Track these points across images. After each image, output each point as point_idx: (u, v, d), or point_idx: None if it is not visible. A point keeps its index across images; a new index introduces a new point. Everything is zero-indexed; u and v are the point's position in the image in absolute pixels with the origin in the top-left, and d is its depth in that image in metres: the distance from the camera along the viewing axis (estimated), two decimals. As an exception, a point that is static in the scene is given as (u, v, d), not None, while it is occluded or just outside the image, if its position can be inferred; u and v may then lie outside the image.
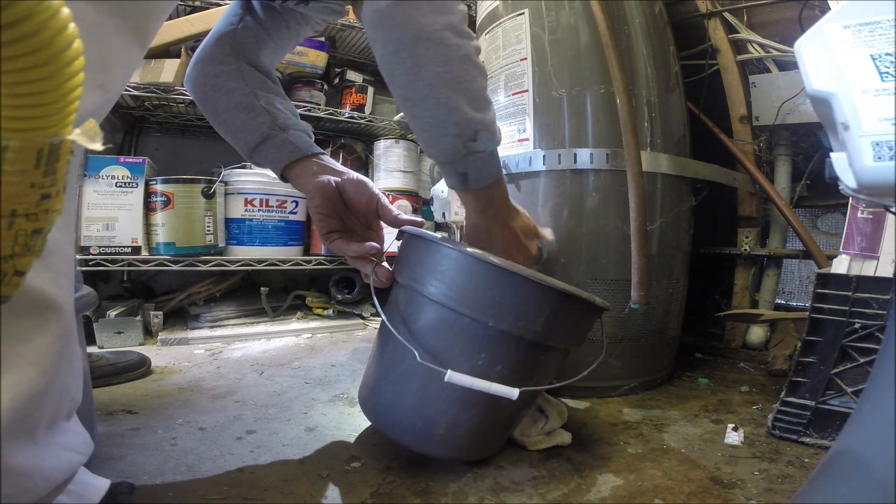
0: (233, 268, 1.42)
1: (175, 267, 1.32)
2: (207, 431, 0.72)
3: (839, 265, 0.74)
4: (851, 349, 0.69)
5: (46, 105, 0.21)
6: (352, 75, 1.70)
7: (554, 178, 0.91)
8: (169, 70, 1.32)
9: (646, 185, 0.85)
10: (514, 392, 0.52)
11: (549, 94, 0.92)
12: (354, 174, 0.66)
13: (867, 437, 0.39)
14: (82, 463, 0.43)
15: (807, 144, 1.24)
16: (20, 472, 0.34)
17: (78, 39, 0.21)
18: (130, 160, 1.26)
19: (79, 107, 0.23)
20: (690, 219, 1.01)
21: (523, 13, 0.95)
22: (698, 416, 0.83)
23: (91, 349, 1.12)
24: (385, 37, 0.53)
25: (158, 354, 1.13)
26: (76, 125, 0.23)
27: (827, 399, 0.71)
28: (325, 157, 0.68)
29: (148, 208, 1.30)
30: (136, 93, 1.30)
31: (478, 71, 0.56)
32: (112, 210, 1.24)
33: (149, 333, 1.28)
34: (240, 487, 0.57)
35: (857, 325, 0.69)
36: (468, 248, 0.55)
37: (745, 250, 1.27)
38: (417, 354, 0.53)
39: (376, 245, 0.64)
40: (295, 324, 1.45)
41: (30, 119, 0.21)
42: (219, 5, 1.41)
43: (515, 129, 0.95)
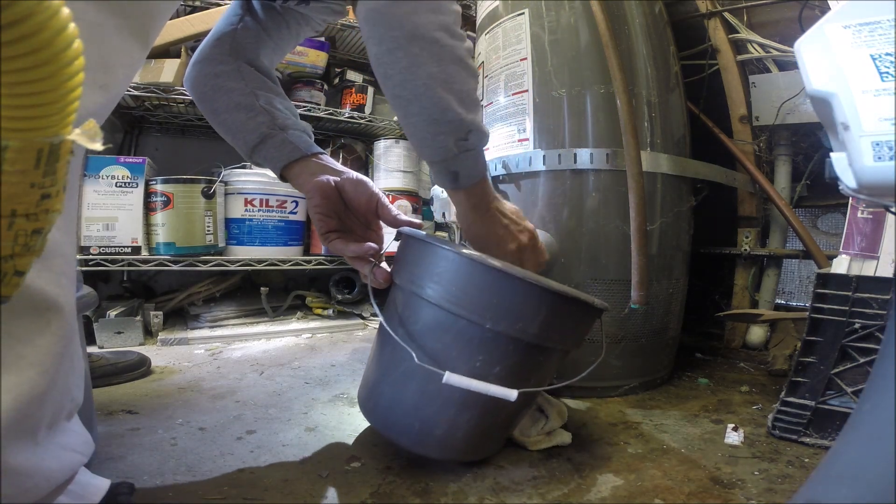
0: (233, 268, 1.42)
1: (175, 267, 1.32)
2: (207, 431, 0.72)
3: (839, 265, 0.74)
4: (851, 349, 0.69)
5: (46, 105, 0.21)
6: (352, 75, 1.70)
7: (554, 178, 0.91)
8: (169, 70, 1.32)
9: (646, 185, 0.85)
10: (512, 393, 0.52)
11: (549, 94, 0.92)
12: (354, 174, 0.66)
13: (867, 437, 0.39)
14: (83, 463, 0.43)
15: (807, 144, 1.24)
16: (21, 473, 0.34)
17: (78, 39, 0.21)
18: (130, 160, 1.26)
19: (80, 107, 0.23)
20: (690, 219, 1.01)
21: (523, 13, 0.95)
22: (698, 416, 0.83)
23: (91, 349, 1.12)
24: (380, 35, 0.53)
25: (158, 354, 1.13)
26: (77, 125, 0.23)
27: (827, 399, 0.71)
28: (325, 157, 0.68)
29: (148, 208, 1.30)
30: (136, 93, 1.30)
31: (469, 73, 0.57)
32: (112, 210, 1.24)
33: (149, 333, 1.28)
34: (240, 487, 0.57)
35: (857, 325, 0.69)
36: (465, 250, 0.55)
37: (745, 250, 1.27)
38: (415, 356, 0.53)
39: (374, 245, 0.64)
40: (295, 324, 1.45)
41: (30, 119, 0.21)
42: (219, 5, 1.41)
43: (515, 129, 0.95)
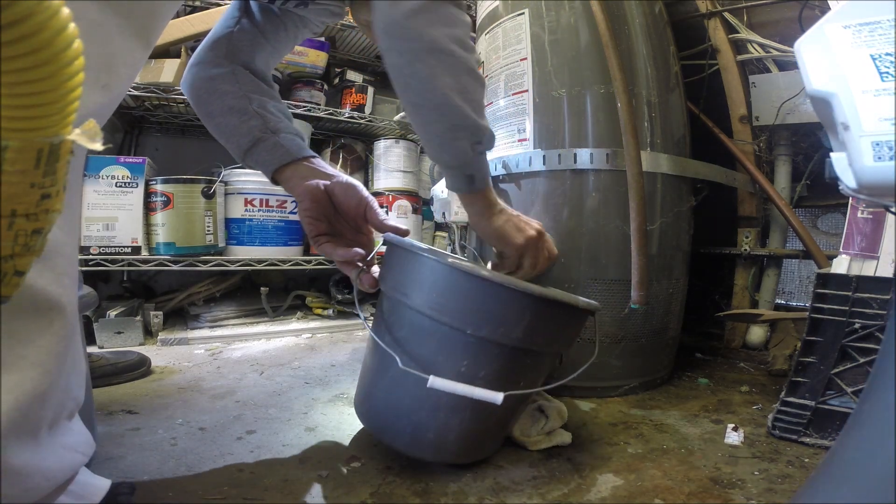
0: (233, 268, 1.42)
1: (175, 267, 1.32)
2: (207, 431, 0.72)
3: (839, 265, 0.74)
4: (851, 349, 0.69)
5: (46, 105, 0.21)
6: (352, 75, 1.70)
7: (554, 178, 0.90)
8: (169, 70, 1.32)
9: (646, 185, 0.85)
10: (498, 396, 0.52)
11: (549, 94, 0.92)
12: (345, 177, 0.67)
13: (867, 437, 0.39)
14: (84, 463, 0.43)
15: (807, 144, 1.24)
16: (22, 472, 0.34)
17: (78, 39, 0.21)
18: (130, 160, 1.26)
19: (82, 107, 0.23)
20: (690, 219, 1.01)
21: (523, 13, 0.95)
22: (698, 416, 0.83)
23: (91, 349, 1.12)
24: (399, 47, 0.55)
25: (158, 354, 1.13)
26: (78, 125, 0.23)
27: (827, 399, 0.71)
28: (316, 161, 0.69)
29: (148, 208, 1.30)
30: (136, 93, 1.30)
31: (480, 83, 0.61)
32: (112, 210, 1.24)
33: (149, 333, 1.28)
34: (240, 487, 0.57)
35: (857, 325, 0.69)
36: (449, 258, 0.56)
37: (745, 250, 1.27)
38: (399, 361, 0.54)
39: (361, 251, 0.65)
40: (295, 324, 1.45)
41: (30, 119, 0.21)
42: (219, 5, 1.41)
43: (515, 129, 0.95)
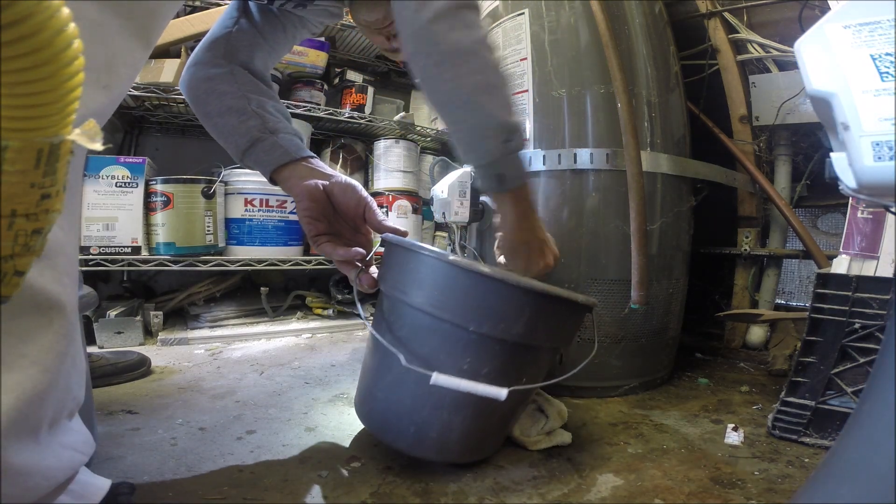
0: (233, 268, 1.42)
1: (175, 267, 1.32)
2: (207, 431, 0.72)
3: (839, 265, 0.74)
4: (851, 349, 0.69)
5: (46, 105, 0.21)
6: (352, 75, 1.70)
7: (554, 178, 0.90)
8: (169, 70, 1.32)
9: (646, 185, 0.85)
10: (502, 392, 0.52)
11: (549, 94, 0.92)
12: (343, 177, 0.67)
13: (867, 437, 0.39)
14: (84, 462, 0.43)
15: (807, 144, 1.24)
16: (22, 472, 0.34)
17: (78, 39, 0.21)
18: (130, 160, 1.26)
19: (82, 107, 0.23)
20: (690, 219, 1.01)
21: (523, 13, 0.95)
22: (698, 416, 0.83)
23: (91, 349, 1.12)
24: (427, 50, 0.56)
25: (158, 354, 1.13)
26: (79, 125, 0.23)
27: (827, 399, 0.71)
28: (315, 161, 0.68)
29: (148, 208, 1.30)
30: (136, 93, 1.30)
31: (505, 80, 0.61)
32: (112, 210, 1.23)
33: (149, 333, 1.28)
34: (240, 487, 0.57)
35: (857, 325, 0.69)
36: (450, 257, 0.56)
37: (745, 250, 1.27)
38: (403, 359, 0.54)
39: (360, 251, 0.64)
40: (295, 324, 1.45)
41: (30, 119, 0.21)
42: (219, 5, 1.41)
43: (515, 129, 0.95)
